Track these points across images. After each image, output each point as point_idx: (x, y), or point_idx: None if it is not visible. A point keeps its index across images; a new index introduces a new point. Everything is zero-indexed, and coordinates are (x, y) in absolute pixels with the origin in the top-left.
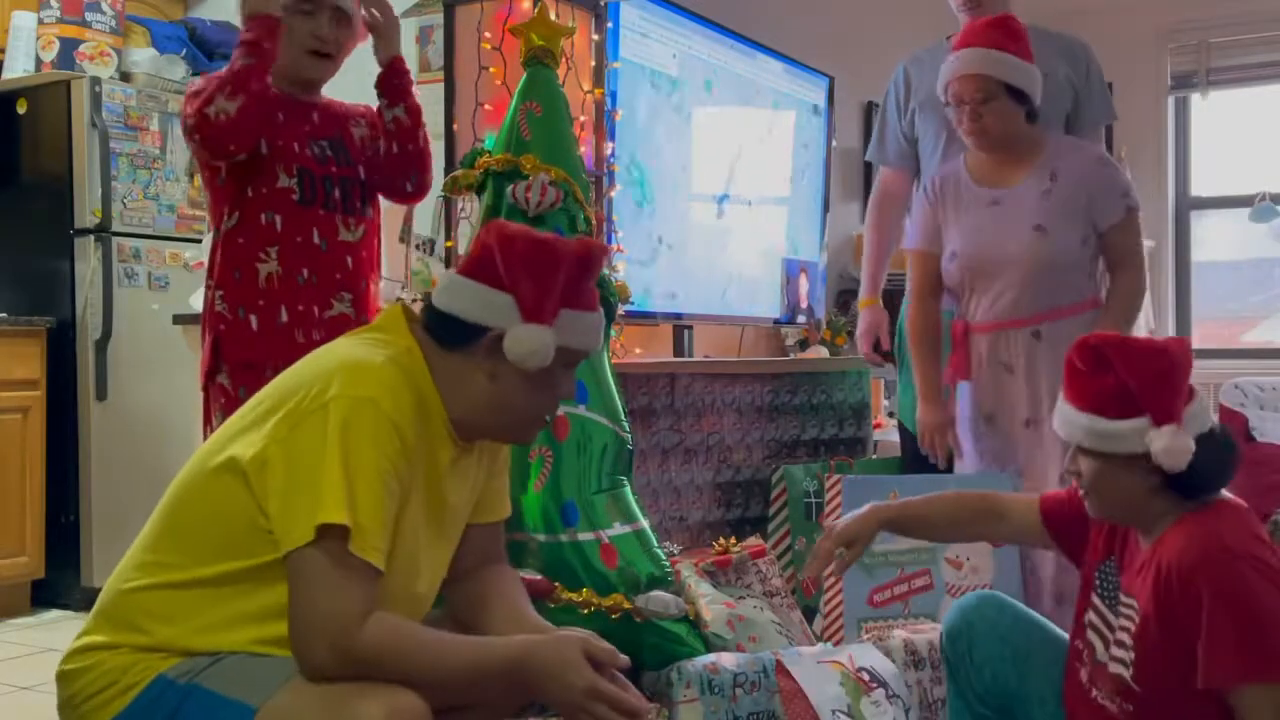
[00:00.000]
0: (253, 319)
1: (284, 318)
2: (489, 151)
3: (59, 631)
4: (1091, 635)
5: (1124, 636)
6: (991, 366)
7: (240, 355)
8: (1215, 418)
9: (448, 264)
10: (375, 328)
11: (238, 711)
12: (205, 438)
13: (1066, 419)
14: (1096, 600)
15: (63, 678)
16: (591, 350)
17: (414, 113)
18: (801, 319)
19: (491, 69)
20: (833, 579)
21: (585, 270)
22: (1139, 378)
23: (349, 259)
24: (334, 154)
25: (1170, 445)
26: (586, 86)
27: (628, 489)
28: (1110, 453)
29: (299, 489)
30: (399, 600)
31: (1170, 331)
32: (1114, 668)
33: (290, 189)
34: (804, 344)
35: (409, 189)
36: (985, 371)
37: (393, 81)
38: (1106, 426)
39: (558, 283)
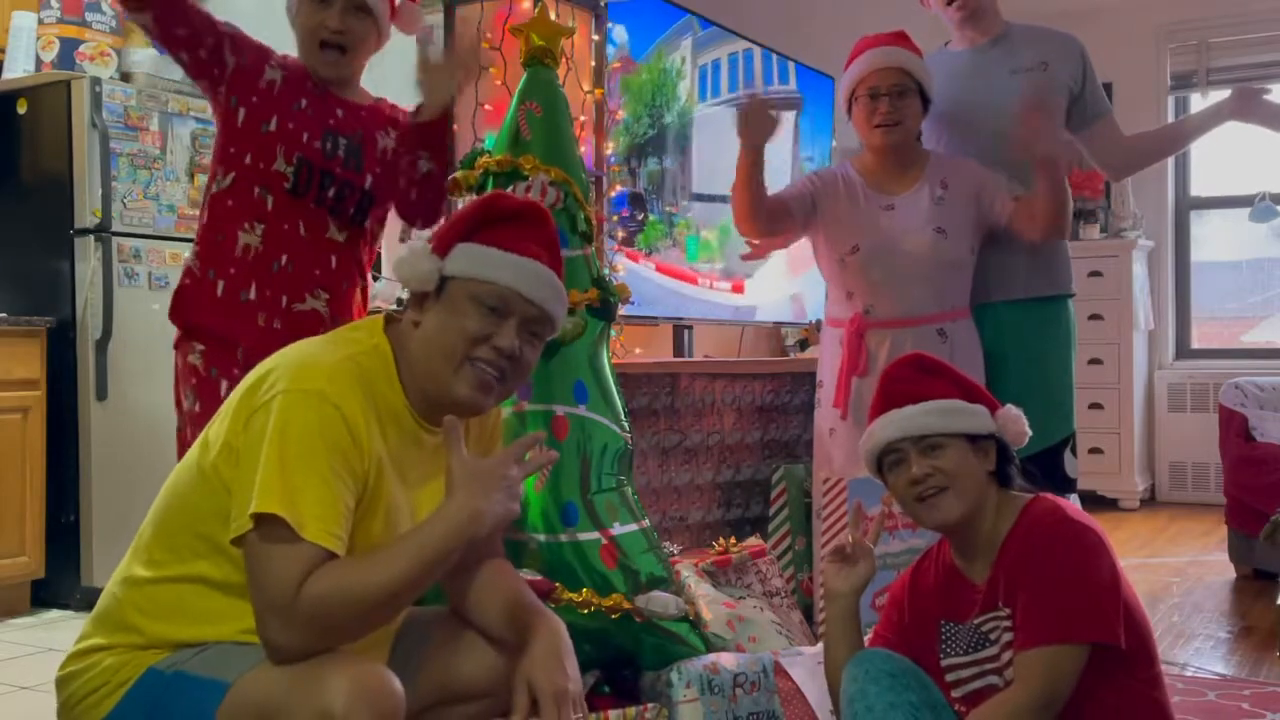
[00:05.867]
0: (220, 284)
1: (251, 295)
2: (489, 152)
3: (59, 631)
4: (978, 684)
5: (1009, 636)
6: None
7: (196, 318)
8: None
9: None
10: (352, 327)
11: (213, 688)
12: (177, 401)
13: (922, 412)
14: (956, 660)
15: (61, 681)
16: (500, 284)
17: (445, 167)
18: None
19: (491, 69)
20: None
21: (489, 210)
22: (964, 379)
23: (333, 258)
24: (345, 155)
25: (1017, 417)
26: (586, 86)
27: (628, 489)
28: (968, 432)
29: (245, 481)
30: None
31: (1170, 331)
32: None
33: (284, 175)
34: (804, 344)
35: (418, 224)
36: (883, 368)
37: (438, 134)
38: (965, 406)
39: (459, 220)
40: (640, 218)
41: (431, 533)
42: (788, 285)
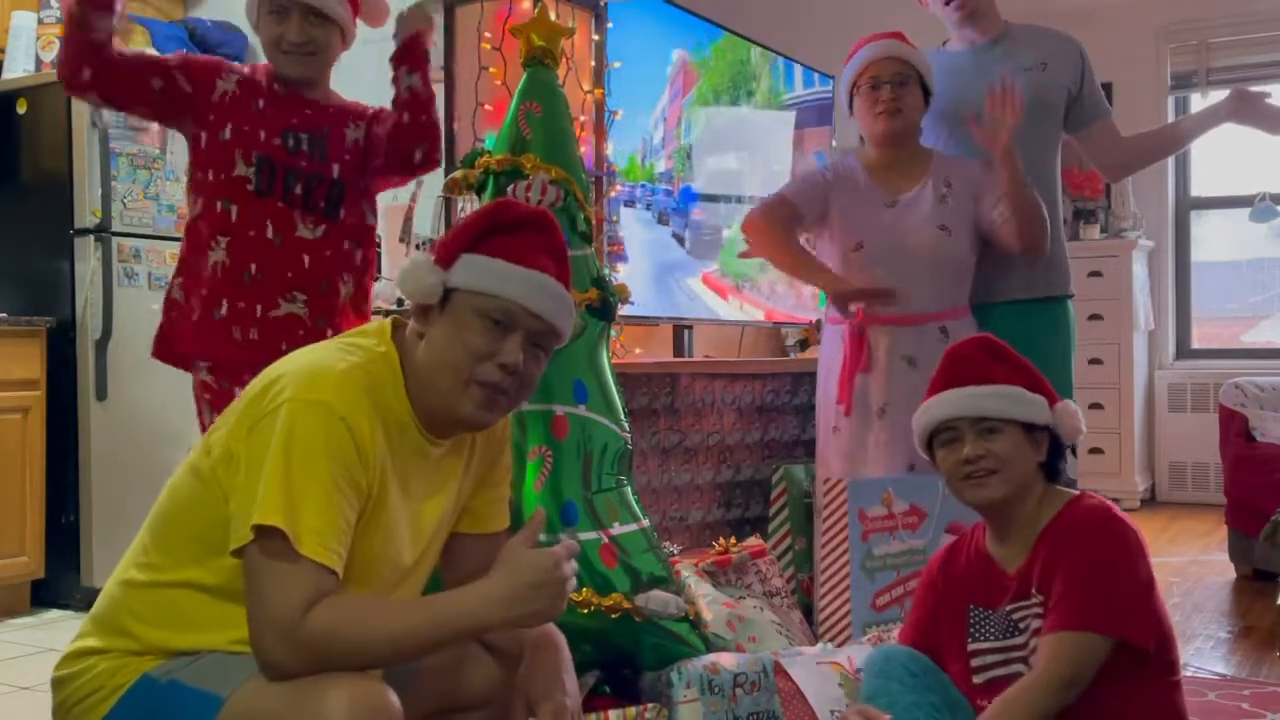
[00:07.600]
0: (194, 308)
1: (222, 311)
2: (489, 151)
3: (59, 631)
4: (1002, 672)
5: (1038, 623)
6: (891, 360)
7: (180, 346)
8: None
9: None
10: (359, 333)
11: (207, 701)
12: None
13: (985, 395)
14: (984, 645)
15: (56, 683)
16: (505, 297)
17: (429, 85)
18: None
19: (491, 69)
20: (829, 584)
21: (493, 218)
22: (1029, 368)
23: (306, 257)
24: (309, 148)
25: (1074, 413)
26: (586, 86)
27: (628, 489)
28: (1026, 420)
29: (246, 491)
30: (386, 580)
31: (1170, 331)
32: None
33: (246, 177)
34: (804, 344)
35: (417, 159)
36: (884, 365)
37: (414, 50)
38: (1027, 395)
39: (463, 230)
40: (713, 224)
41: (461, 603)
42: None
